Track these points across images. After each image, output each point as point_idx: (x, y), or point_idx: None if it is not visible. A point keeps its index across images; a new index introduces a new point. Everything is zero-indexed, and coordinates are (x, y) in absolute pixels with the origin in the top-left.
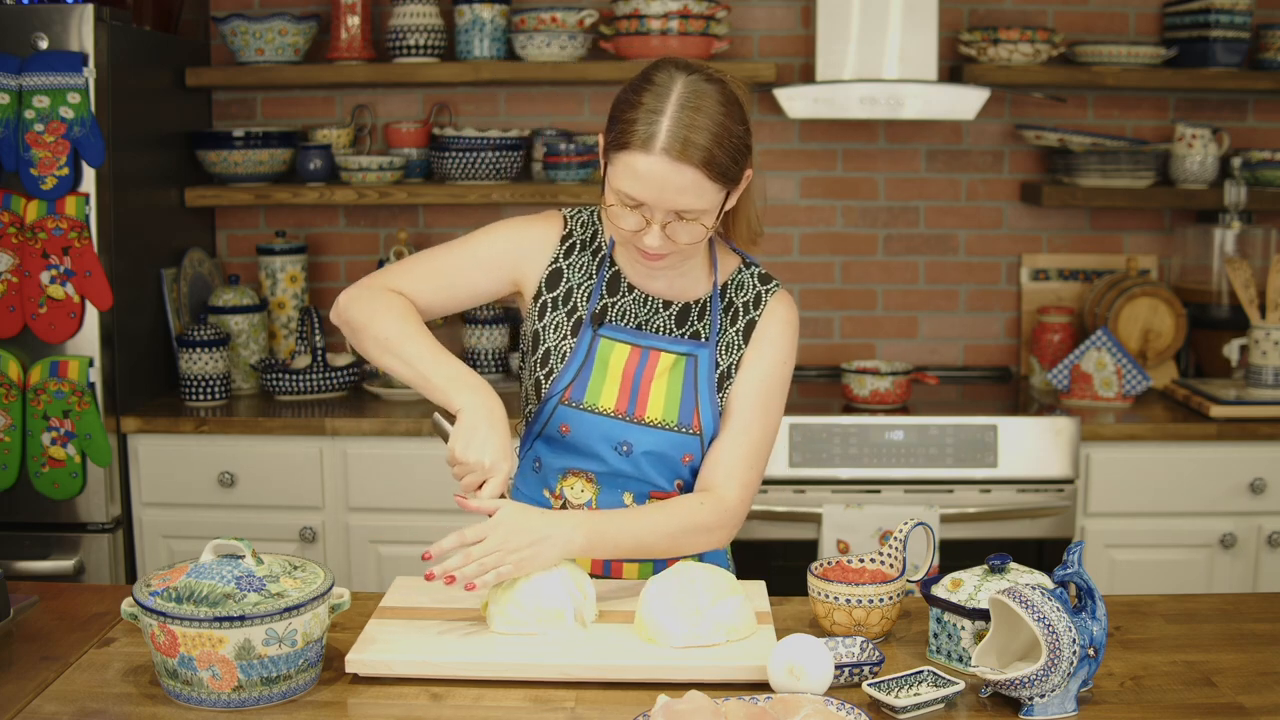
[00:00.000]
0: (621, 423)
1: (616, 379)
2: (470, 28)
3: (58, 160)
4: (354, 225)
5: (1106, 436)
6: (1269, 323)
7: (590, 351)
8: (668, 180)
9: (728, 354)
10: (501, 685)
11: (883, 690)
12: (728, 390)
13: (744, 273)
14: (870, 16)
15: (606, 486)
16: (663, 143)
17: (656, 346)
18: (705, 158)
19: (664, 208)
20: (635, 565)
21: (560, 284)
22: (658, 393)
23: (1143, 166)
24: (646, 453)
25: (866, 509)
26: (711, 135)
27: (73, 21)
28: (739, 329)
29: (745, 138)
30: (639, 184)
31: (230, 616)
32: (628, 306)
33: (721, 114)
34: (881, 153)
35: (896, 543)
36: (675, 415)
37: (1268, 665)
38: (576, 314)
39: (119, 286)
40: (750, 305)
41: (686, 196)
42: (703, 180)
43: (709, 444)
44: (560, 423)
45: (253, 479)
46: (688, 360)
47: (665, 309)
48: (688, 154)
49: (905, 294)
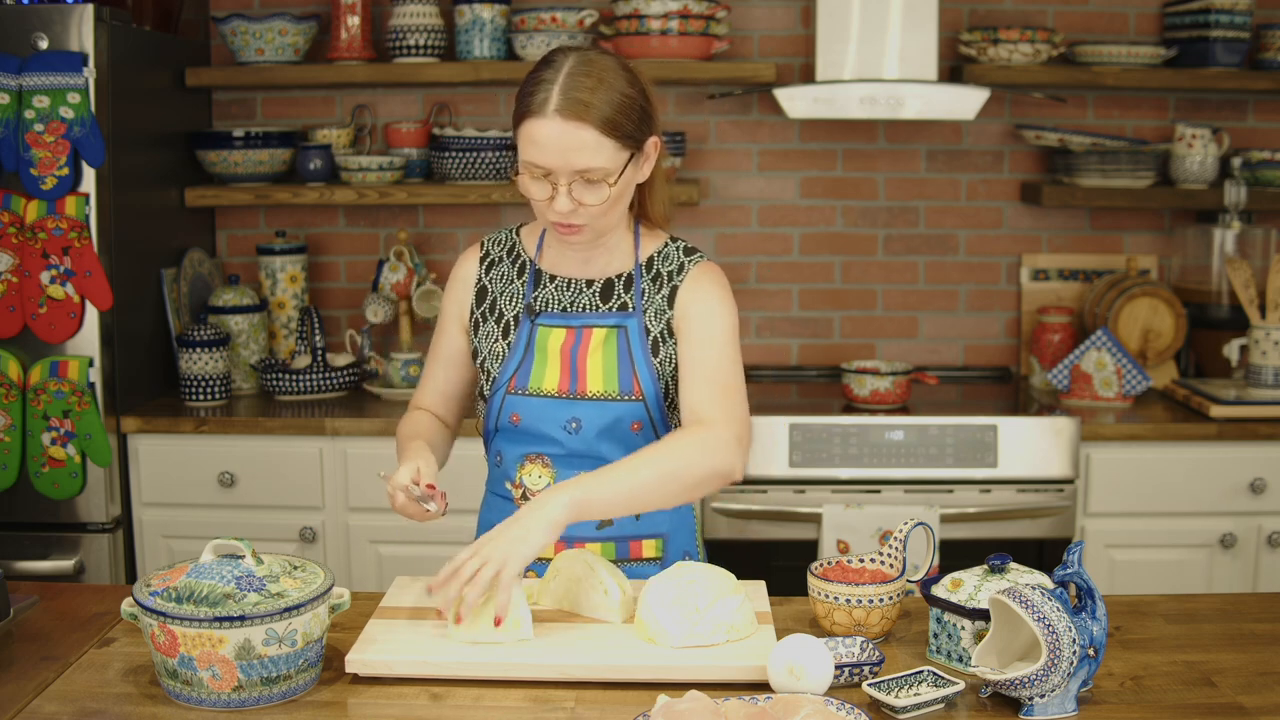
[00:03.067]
0: (566, 401)
1: (556, 361)
2: (470, 28)
3: (58, 160)
4: (354, 225)
5: (1106, 436)
6: (1269, 323)
7: (530, 342)
8: (564, 140)
9: (657, 320)
10: (501, 685)
11: (883, 690)
12: (666, 357)
13: (670, 246)
14: (870, 16)
15: (563, 468)
16: (555, 105)
17: (587, 324)
18: (597, 115)
19: (567, 170)
20: (653, 543)
21: (486, 298)
22: (595, 366)
23: (1143, 166)
24: (595, 426)
25: (866, 509)
26: (603, 95)
27: (73, 21)
28: (664, 295)
29: (641, 102)
30: (539, 149)
31: (230, 616)
32: (554, 295)
33: (613, 77)
34: (881, 153)
35: (896, 543)
36: (615, 385)
37: (1268, 665)
38: (504, 317)
39: (119, 286)
40: (674, 273)
41: (585, 154)
42: (598, 138)
43: (654, 409)
44: (510, 413)
45: (253, 479)
46: (619, 332)
47: (589, 287)
48: (579, 112)
49: (905, 294)
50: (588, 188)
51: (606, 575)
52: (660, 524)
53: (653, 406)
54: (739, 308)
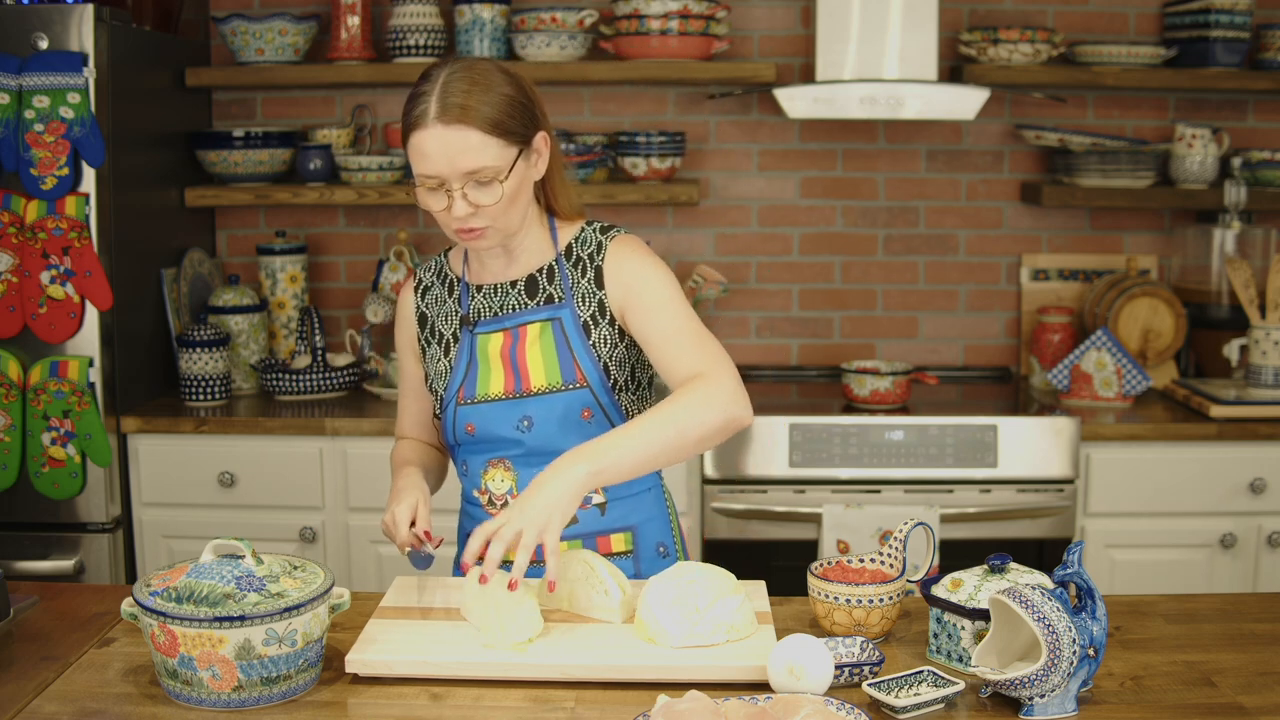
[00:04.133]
0: (514, 401)
1: (499, 365)
2: (470, 28)
3: (58, 160)
4: (354, 225)
5: (1106, 436)
6: (1269, 323)
7: (472, 352)
8: (448, 145)
9: (585, 304)
10: (501, 685)
11: (883, 690)
12: (601, 339)
13: (586, 230)
14: (870, 16)
15: (524, 469)
16: (435, 113)
17: (520, 322)
18: (477, 115)
19: (457, 174)
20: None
21: (426, 322)
22: (535, 361)
23: (1143, 166)
24: (546, 420)
25: (866, 509)
26: (480, 97)
27: (73, 21)
28: (589, 278)
29: (523, 100)
30: (427, 159)
31: (230, 616)
32: (484, 303)
33: (489, 79)
34: (881, 153)
35: (896, 543)
36: (559, 376)
37: (1268, 665)
38: (444, 336)
39: (119, 286)
40: (594, 255)
41: (470, 155)
42: (482, 137)
43: (601, 393)
44: (464, 423)
45: (253, 479)
46: (553, 324)
47: (514, 288)
48: (459, 115)
49: (905, 294)
50: (481, 189)
51: (606, 575)
52: (628, 516)
53: (599, 391)
54: (739, 307)
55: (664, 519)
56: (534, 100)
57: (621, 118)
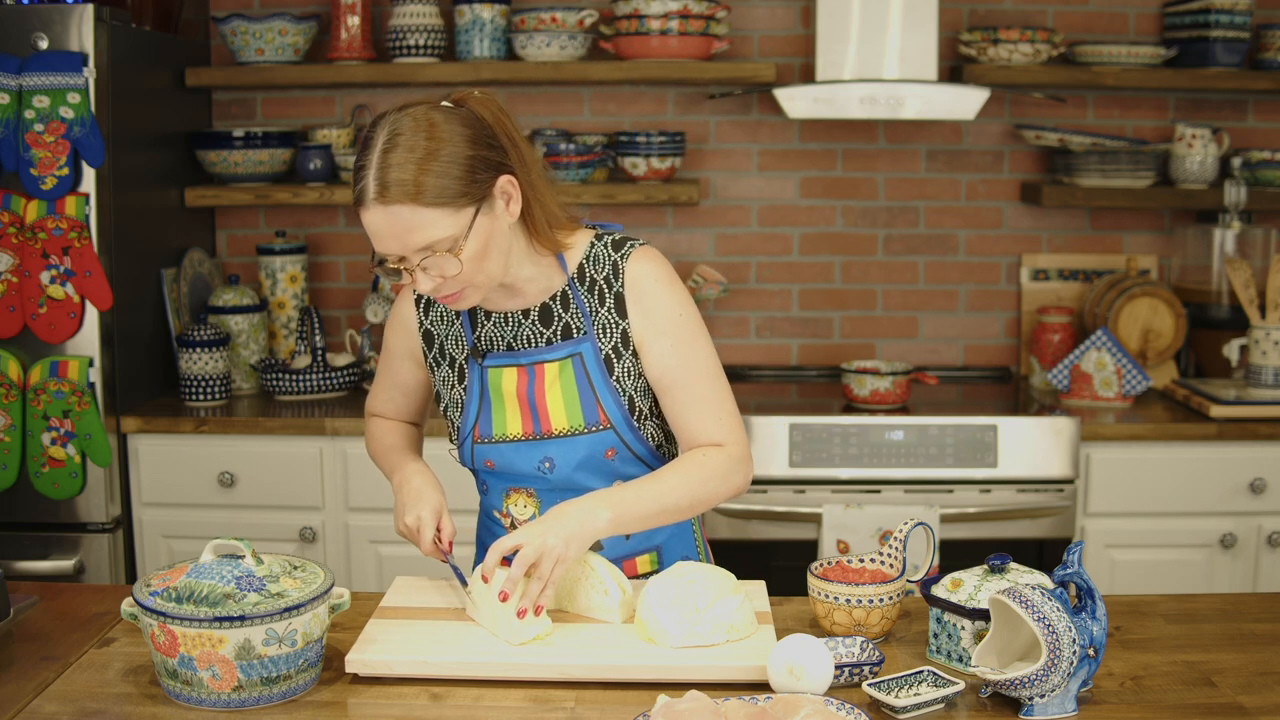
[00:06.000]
0: (534, 443)
1: (515, 404)
2: (470, 28)
3: (58, 160)
4: (354, 225)
5: (1106, 436)
6: (1269, 323)
7: (483, 385)
8: (391, 225)
9: (607, 336)
10: (501, 685)
11: (883, 690)
12: (624, 372)
13: (596, 246)
14: (870, 16)
15: (547, 499)
16: (371, 194)
17: (537, 360)
18: (411, 190)
19: (411, 250)
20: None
21: (434, 342)
22: (555, 403)
23: (1143, 166)
24: (568, 462)
25: (866, 509)
26: (413, 166)
27: (73, 21)
28: (609, 307)
29: (466, 151)
30: (377, 239)
31: (230, 616)
32: (493, 332)
33: (424, 140)
34: (881, 153)
35: (896, 543)
36: (580, 418)
37: (1268, 665)
38: (456, 361)
39: (119, 286)
40: (611, 279)
41: (416, 233)
42: (421, 211)
43: (624, 432)
44: (483, 459)
45: (253, 479)
46: (573, 361)
47: (526, 318)
48: (393, 194)
49: (905, 294)
50: (440, 259)
51: (607, 575)
52: (652, 537)
53: (622, 430)
54: (739, 307)
55: (687, 533)
56: (496, 138)
57: (621, 118)
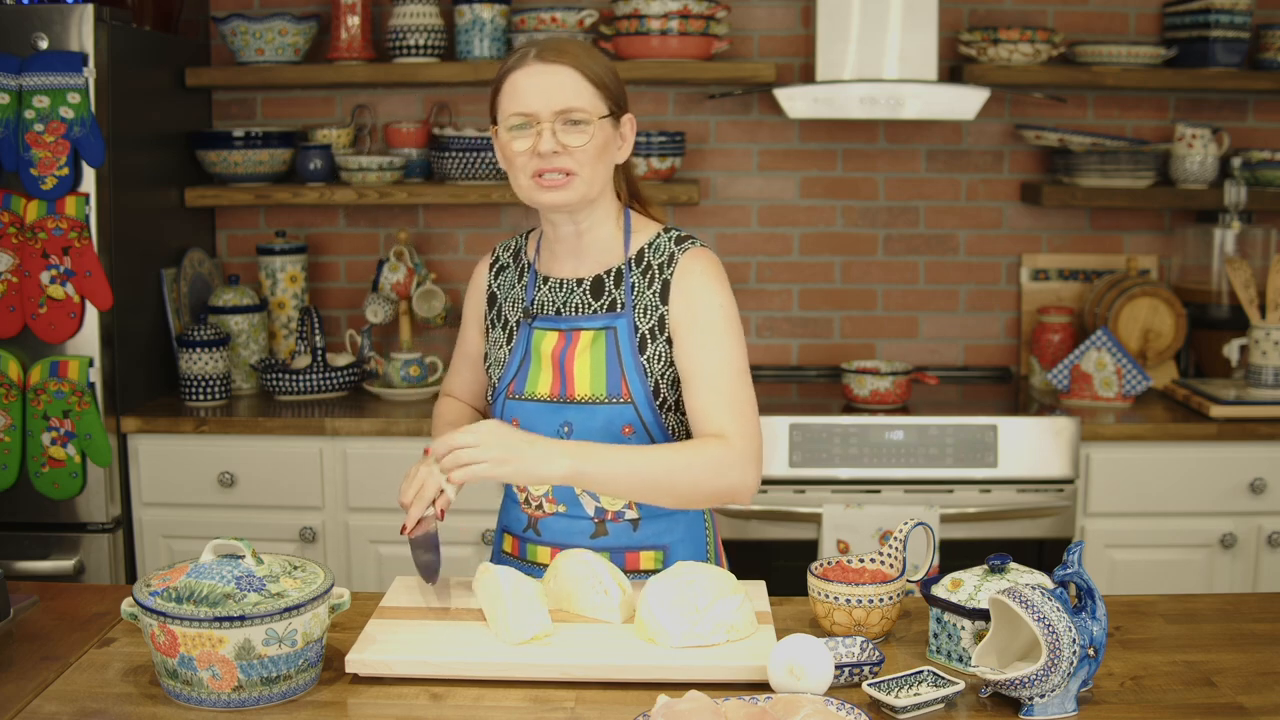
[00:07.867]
0: (557, 405)
1: (548, 365)
2: (470, 28)
3: (58, 160)
4: (354, 225)
5: (1106, 436)
6: (1269, 323)
7: (528, 345)
8: (545, 81)
9: (645, 317)
10: (501, 685)
11: (883, 690)
12: (655, 354)
13: (662, 237)
14: (870, 16)
15: None
16: (536, 53)
17: (577, 326)
18: (575, 60)
19: (549, 112)
20: (652, 554)
21: (495, 304)
22: (582, 369)
23: (1143, 166)
24: (586, 430)
25: (866, 509)
26: (579, 49)
27: (73, 21)
28: (655, 290)
29: (614, 70)
30: (520, 96)
31: (230, 616)
32: (549, 297)
33: (588, 45)
34: (881, 153)
35: (896, 543)
36: (603, 388)
37: (1268, 665)
38: (509, 324)
39: (119, 286)
40: (664, 265)
41: (566, 93)
42: (578, 78)
43: (645, 410)
44: (510, 417)
45: (253, 479)
46: (607, 333)
47: (579, 286)
48: (559, 57)
49: (905, 294)
50: (571, 129)
51: (607, 575)
52: (661, 535)
53: (643, 408)
54: (739, 307)
55: (699, 542)
56: (619, 80)
57: None
